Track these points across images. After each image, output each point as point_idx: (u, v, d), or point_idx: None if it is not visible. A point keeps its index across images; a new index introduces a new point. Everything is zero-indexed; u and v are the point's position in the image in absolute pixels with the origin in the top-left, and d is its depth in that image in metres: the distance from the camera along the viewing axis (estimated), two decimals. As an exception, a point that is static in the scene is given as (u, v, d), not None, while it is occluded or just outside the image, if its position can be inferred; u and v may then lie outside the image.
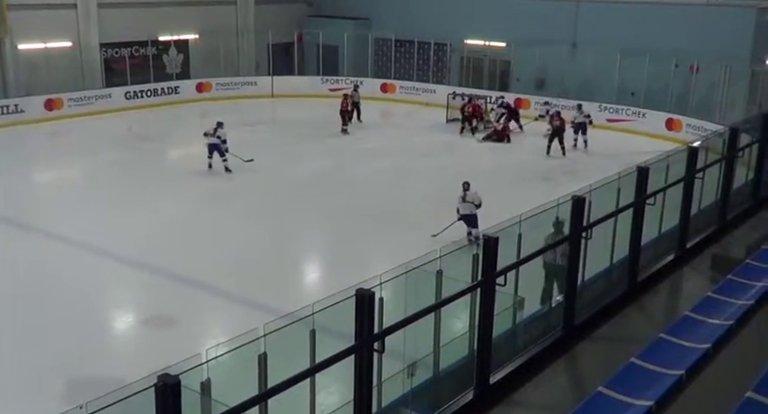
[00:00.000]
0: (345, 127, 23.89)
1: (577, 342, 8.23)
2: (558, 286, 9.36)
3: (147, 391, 4.67)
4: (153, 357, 9.52)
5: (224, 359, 5.42)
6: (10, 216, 15.82)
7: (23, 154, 21.81)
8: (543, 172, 19.98)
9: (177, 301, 12.10)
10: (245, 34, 30.51)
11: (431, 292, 7.35)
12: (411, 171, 20.52)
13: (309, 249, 15.31)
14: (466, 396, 7.19)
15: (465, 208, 14.16)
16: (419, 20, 29.14)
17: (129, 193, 17.77)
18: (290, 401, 5.76)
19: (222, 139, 19.07)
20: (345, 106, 23.94)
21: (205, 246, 14.39)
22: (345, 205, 16.96)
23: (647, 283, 9.76)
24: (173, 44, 28.77)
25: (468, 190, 14.27)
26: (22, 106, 23.92)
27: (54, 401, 8.72)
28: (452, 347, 8.02)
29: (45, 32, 24.87)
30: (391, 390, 7.03)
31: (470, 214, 14.11)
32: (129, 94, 26.65)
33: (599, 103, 25.40)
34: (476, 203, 14.12)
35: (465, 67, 29.48)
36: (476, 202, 14.12)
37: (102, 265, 13.53)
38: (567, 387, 7.77)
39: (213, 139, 19.07)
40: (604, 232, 9.23)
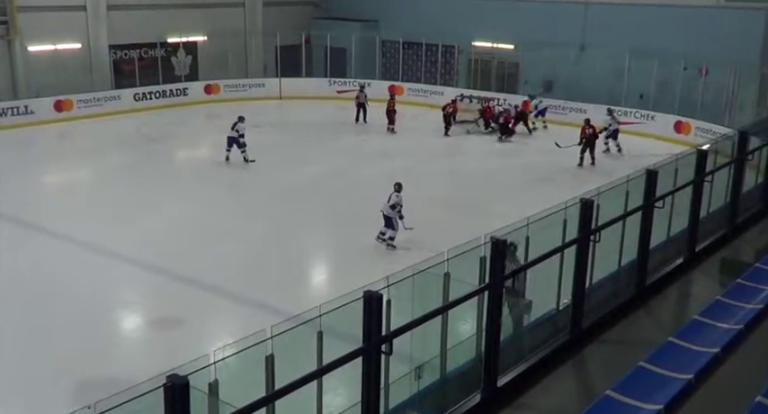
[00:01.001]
0: (392, 126, 24.26)
1: (585, 345, 8.20)
2: (511, 313, 8.74)
3: (155, 391, 4.68)
4: (160, 358, 9.57)
5: (231, 360, 5.42)
6: (20, 216, 15.88)
7: (33, 155, 21.91)
8: (550, 174, 19.92)
9: (184, 302, 12.13)
10: (253, 36, 30.58)
11: (438, 294, 7.34)
12: (419, 173, 20.47)
13: (316, 251, 15.32)
14: (473, 399, 7.17)
15: (386, 208, 14.32)
16: (427, 22, 29.14)
17: (137, 194, 17.82)
18: (296, 403, 5.76)
19: (240, 134, 19.84)
20: (392, 106, 24.43)
21: (212, 247, 14.41)
22: (352, 207, 16.96)
23: (655, 286, 9.72)
24: (181, 46, 28.88)
25: (395, 192, 14.38)
26: (32, 107, 24.04)
27: (62, 402, 8.73)
28: (459, 350, 8.01)
29: (55, 34, 25.00)
30: (398, 392, 7.02)
31: (387, 216, 14.28)
32: (138, 95, 26.74)
33: (607, 105, 25.31)
34: (390, 204, 14.25)
35: (473, 70, 29.46)
36: (390, 203, 14.25)
37: (110, 266, 13.58)
38: (575, 391, 7.74)
39: (232, 133, 19.92)
40: (612, 235, 9.19)
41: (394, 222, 14.25)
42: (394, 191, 14.44)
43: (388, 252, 14.20)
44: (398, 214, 14.27)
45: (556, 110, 26.48)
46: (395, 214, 14.25)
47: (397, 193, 14.36)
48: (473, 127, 25.03)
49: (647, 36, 24.29)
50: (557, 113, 26.37)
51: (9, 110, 23.55)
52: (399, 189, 14.39)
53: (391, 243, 14.30)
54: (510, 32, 27.41)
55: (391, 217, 14.25)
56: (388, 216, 14.26)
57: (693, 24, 24.01)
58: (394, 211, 14.26)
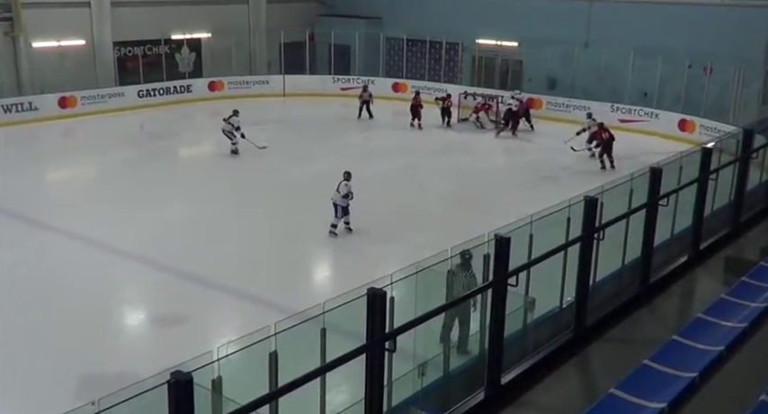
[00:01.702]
0: (419, 122, 24.48)
1: (589, 343, 8.19)
2: (459, 321, 8.65)
3: (159, 387, 4.68)
4: (163, 355, 9.56)
5: (234, 357, 5.43)
6: (23, 213, 15.90)
7: (37, 151, 21.95)
8: (554, 172, 19.90)
9: (187, 299, 12.13)
10: (257, 33, 30.55)
11: (441, 291, 7.34)
12: (423, 170, 20.50)
13: (319, 248, 15.29)
14: (476, 397, 7.17)
15: (334, 196, 14.74)
16: (431, 19, 29.09)
17: (140, 191, 17.83)
18: (299, 399, 5.75)
19: (235, 126, 20.23)
20: (418, 102, 24.67)
21: (215, 244, 14.41)
22: (356, 204, 16.93)
23: (659, 284, 9.71)
24: (185, 43, 28.87)
25: (345, 181, 14.80)
26: (36, 104, 24.05)
27: (66, 398, 8.75)
28: (462, 348, 8.01)
29: (59, 31, 24.99)
30: (401, 389, 7.02)
31: (335, 203, 14.72)
32: (142, 92, 26.73)
33: (611, 103, 25.29)
34: (341, 193, 14.66)
35: (476, 67, 29.42)
36: (341, 193, 14.66)
37: (113, 263, 13.59)
38: (579, 388, 7.73)
39: (226, 126, 20.39)
40: (616, 233, 9.18)
41: (338, 210, 14.77)
42: (343, 179, 14.82)
43: (391, 249, 14.18)
44: (348, 201, 14.75)
45: (559, 107, 26.45)
46: (346, 202, 14.73)
47: (347, 182, 14.77)
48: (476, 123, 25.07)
49: (652, 34, 24.22)
50: (560, 111, 26.34)
51: (13, 106, 23.57)
52: (349, 178, 14.84)
53: (349, 228, 14.96)
54: (514, 30, 27.36)
55: (343, 206, 14.75)
56: (337, 204, 14.74)
57: (698, 22, 23.92)
58: (346, 199, 14.70)
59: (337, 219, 14.78)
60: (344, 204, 14.78)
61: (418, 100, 24.85)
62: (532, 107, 25.75)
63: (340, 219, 14.83)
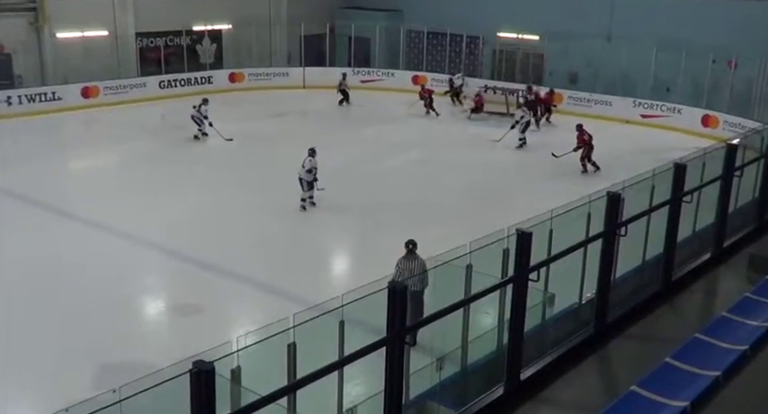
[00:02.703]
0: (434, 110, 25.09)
1: (609, 340, 8.12)
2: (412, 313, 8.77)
3: (180, 377, 4.69)
4: (182, 344, 9.64)
5: (252, 347, 5.43)
6: (45, 201, 16.06)
7: (60, 141, 22.18)
8: (575, 167, 19.73)
9: (205, 289, 12.19)
10: (277, 25, 30.56)
11: (460, 286, 7.30)
12: (440, 163, 20.41)
13: (335, 240, 15.33)
14: (496, 391, 7.13)
15: (300, 172, 15.65)
16: (452, 12, 28.92)
17: (160, 181, 17.94)
18: (316, 390, 5.75)
19: (204, 115, 21.17)
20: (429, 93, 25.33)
21: (233, 234, 14.47)
22: (373, 197, 16.94)
23: (682, 281, 9.60)
24: (206, 34, 28.96)
25: (309, 157, 15.71)
26: (60, 94, 24.26)
27: (86, 385, 8.84)
28: (480, 342, 7.97)
29: (82, 21, 25.15)
30: (419, 383, 7.00)
31: (300, 178, 15.64)
32: (164, 83, 26.86)
33: (633, 98, 25.03)
34: (306, 168, 15.59)
35: (497, 61, 29.23)
36: (306, 168, 15.60)
37: (133, 251, 13.69)
38: (599, 385, 7.67)
39: (195, 113, 21.24)
40: (636, 229, 9.07)
41: (304, 184, 15.70)
42: (308, 155, 15.72)
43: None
44: (314, 177, 15.66)
45: (580, 102, 26.23)
46: (311, 177, 15.64)
47: (311, 158, 15.68)
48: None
49: (675, 28, 23.89)
50: (581, 105, 26.12)
51: (37, 96, 23.80)
52: (313, 154, 15.75)
53: (312, 202, 15.85)
54: (535, 23, 27.13)
55: (308, 180, 15.65)
56: (305, 179, 15.64)
57: (722, 16, 23.59)
58: (310, 174, 15.61)
59: (305, 193, 15.73)
60: (309, 179, 15.69)
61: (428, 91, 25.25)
62: (551, 102, 25.47)
63: (307, 192, 15.74)
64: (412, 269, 9.58)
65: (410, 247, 9.88)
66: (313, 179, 15.72)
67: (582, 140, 19.47)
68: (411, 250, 9.87)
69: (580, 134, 19.59)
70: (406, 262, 9.81)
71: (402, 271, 9.77)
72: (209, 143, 23.19)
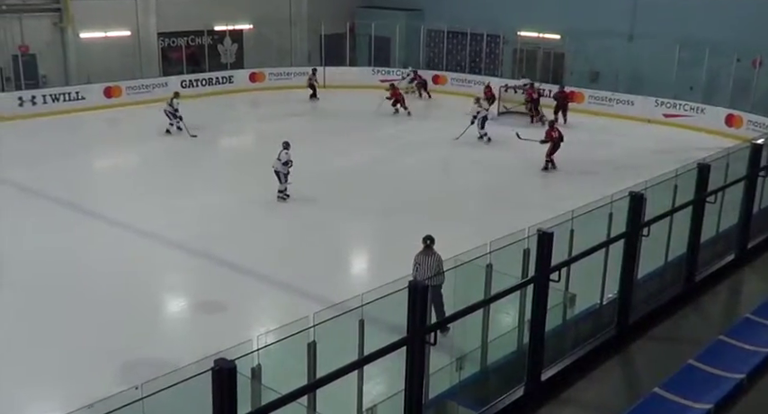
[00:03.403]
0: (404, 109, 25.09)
1: (632, 341, 8.04)
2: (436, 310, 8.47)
3: (202, 374, 4.71)
4: (203, 342, 9.69)
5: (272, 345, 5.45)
6: (68, 200, 16.24)
7: (82, 139, 22.42)
8: (594, 167, 19.60)
9: (226, 287, 12.26)
10: (297, 25, 30.67)
11: (479, 285, 7.27)
12: (459, 163, 20.37)
13: (354, 239, 15.35)
14: (516, 392, 7.09)
15: (275, 164, 16.07)
16: (472, 11, 28.83)
17: (181, 180, 18.09)
18: (335, 388, 5.75)
19: (174, 108, 21.54)
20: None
21: (253, 233, 14.55)
22: (391, 196, 16.95)
23: (705, 283, 9.48)
24: (228, 34, 29.12)
25: (285, 150, 16.09)
26: (83, 93, 24.55)
27: (108, 382, 8.92)
28: (500, 342, 7.94)
29: (105, 22, 25.45)
30: (438, 382, 6.99)
31: (277, 170, 16.04)
32: (185, 82, 27.03)
33: (656, 97, 24.79)
34: (282, 161, 16.01)
35: (518, 60, 29.10)
36: (282, 160, 16.01)
37: (154, 250, 13.81)
38: (621, 387, 7.61)
39: (167, 107, 21.60)
40: (656, 229, 8.97)
41: (281, 177, 16.10)
42: (283, 149, 16.06)
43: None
44: (288, 169, 16.05)
45: (602, 101, 26.04)
46: (286, 169, 16.04)
47: (287, 151, 16.04)
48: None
49: (699, 26, 23.60)
50: (602, 105, 25.93)
51: (61, 95, 24.10)
52: (288, 147, 16.12)
53: (286, 194, 16.23)
54: (556, 22, 26.96)
55: (284, 172, 16.06)
56: (279, 171, 16.06)
57: (747, 14, 23.27)
58: (286, 167, 16.01)
59: (282, 185, 16.13)
60: (285, 172, 16.06)
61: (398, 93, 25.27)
62: (573, 100, 25.29)
63: (284, 184, 16.14)
64: (429, 264, 9.60)
65: (428, 243, 9.96)
66: (287, 172, 16.10)
67: (550, 136, 19.39)
68: (428, 246, 9.93)
69: (550, 130, 19.57)
70: (423, 257, 9.89)
71: (418, 265, 9.80)
72: (229, 143, 23.37)
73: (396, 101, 24.97)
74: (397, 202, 16.49)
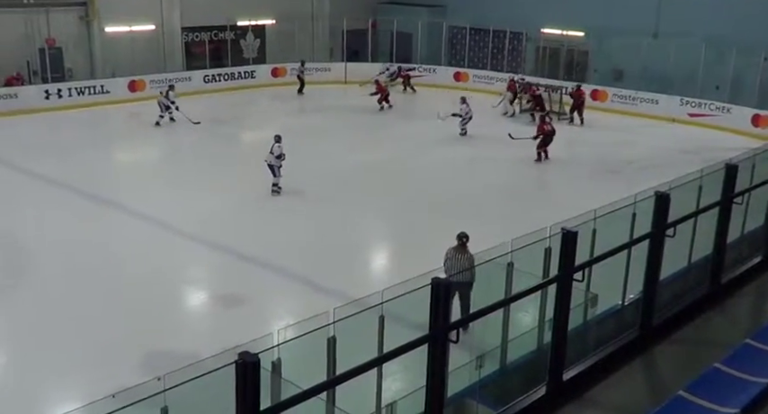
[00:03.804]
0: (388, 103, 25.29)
1: (656, 343, 7.94)
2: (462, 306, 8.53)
3: (225, 367, 4.72)
4: (222, 334, 9.75)
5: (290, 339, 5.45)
6: (91, 192, 16.38)
7: (107, 133, 22.63)
8: (619, 166, 19.41)
9: (245, 281, 12.31)
10: (320, 20, 30.68)
11: (499, 283, 7.23)
12: (480, 161, 20.27)
13: (374, 236, 15.34)
14: (538, 392, 7.03)
15: (269, 158, 16.10)
16: (495, 8, 28.65)
17: (203, 173, 18.17)
18: (354, 383, 5.74)
19: (171, 100, 21.89)
20: (384, 89, 25.44)
21: (273, 228, 14.59)
22: (411, 193, 16.90)
23: (731, 285, 9.34)
24: (250, 29, 29.19)
25: (276, 143, 16.13)
26: (108, 87, 24.74)
27: (130, 372, 8.98)
28: (520, 341, 7.89)
29: (130, 16, 25.63)
30: (457, 380, 6.94)
31: (270, 164, 16.07)
32: (208, 77, 27.19)
33: (681, 96, 24.49)
34: (275, 155, 16.00)
35: (540, 57, 28.89)
36: (275, 154, 16.01)
37: (176, 243, 13.90)
38: (644, 388, 7.52)
39: (163, 99, 21.97)
40: (680, 230, 8.85)
41: (275, 170, 16.10)
42: (275, 142, 16.10)
43: (446, 239, 14.04)
44: (281, 162, 16.04)
45: (626, 100, 25.79)
46: (279, 163, 16.04)
47: (279, 144, 16.09)
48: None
49: (725, 24, 23.26)
50: (626, 103, 25.68)
51: (86, 89, 24.32)
52: (279, 140, 16.16)
53: (279, 187, 16.20)
54: (580, 19, 26.72)
55: (277, 166, 16.05)
56: (273, 165, 16.06)
57: (776, 13, 22.93)
58: (279, 160, 16.00)
59: (276, 178, 16.10)
60: (278, 165, 16.06)
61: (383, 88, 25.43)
62: (597, 99, 25.07)
63: (278, 177, 16.10)
64: (462, 262, 9.52)
65: (463, 241, 9.86)
66: (280, 165, 16.10)
67: (542, 129, 19.61)
68: (463, 243, 9.84)
69: (542, 123, 19.82)
70: (456, 253, 9.79)
71: (449, 261, 9.73)
72: (251, 138, 23.44)
73: (378, 94, 25.03)
74: (418, 199, 16.44)
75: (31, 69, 24.12)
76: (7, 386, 9.34)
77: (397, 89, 27.70)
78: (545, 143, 19.53)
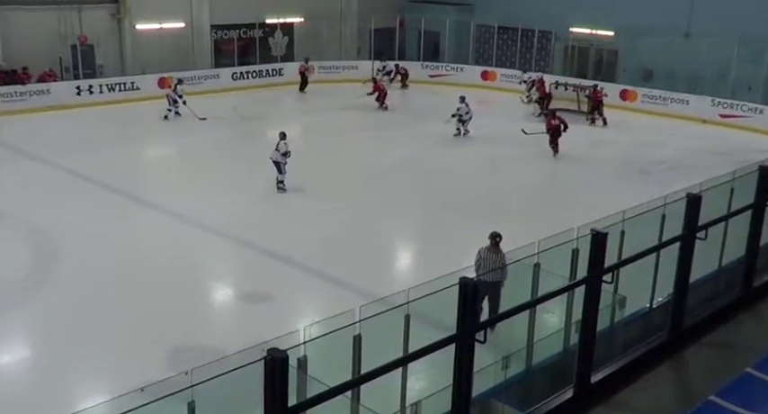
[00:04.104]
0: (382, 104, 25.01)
1: (686, 347, 7.82)
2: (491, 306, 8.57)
3: (252, 363, 4.74)
4: (248, 330, 9.81)
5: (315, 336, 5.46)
6: (121, 188, 16.57)
7: (137, 129, 22.87)
8: (649, 167, 19.18)
9: (271, 277, 12.37)
10: (348, 18, 30.72)
11: (525, 284, 7.18)
12: (507, 161, 20.15)
13: (400, 234, 15.31)
14: (565, 394, 6.97)
15: (274, 155, 16.05)
16: (523, 6, 28.48)
17: (230, 170, 18.28)
18: (378, 381, 5.74)
19: (179, 94, 22.40)
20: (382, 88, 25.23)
21: (300, 225, 14.63)
22: (438, 192, 16.85)
23: (763, 289, 9.17)
24: (279, 27, 29.32)
25: (282, 140, 16.05)
26: (138, 84, 25.01)
27: (157, 367, 9.07)
28: (546, 342, 7.83)
29: (161, 13, 25.87)
30: (482, 381, 6.90)
31: (276, 161, 16.03)
32: (236, 74, 27.35)
33: (712, 96, 24.12)
34: (281, 152, 15.94)
35: (569, 56, 28.63)
36: (281, 151, 15.95)
37: (203, 239, 14.00)
38: (674, 392, 7.42)
39: (172, 93, 22.52)
40: (711, 233, 8.70)
41: (281, 167, 16.10)
42: (281, 139, 16.07)
43: (472, 238, 13.99)
44: (286, 159, 16.03)
45: (656, 100, 25.46)
46: (285, 160, 16.02)
47: (285, 141, 16.04)
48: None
49: (759, 23, 22.84)
50: (656, 104, 25.36)
51: (117, 86, 24.61)
52: (284, 137, 16.11)
53: (284, 187, 16.19)
54: (610, 18, 26.44)
55: (283, 163, 16.04)
56: (279, 162, 16.05)
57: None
58: (285, 157, 16.00)
59: (282, 175, 16.12)
60: (284, 162, 16.03)
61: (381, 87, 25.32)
62: (626, 99, 24.77)
63: (284, 174, 16.11)
64: (495, 261, 9.48)
65: (496, 240, 9.80)
66: (285, 162, 16.09)
67: (551, 124, 19.93)
68: (496, 243, 9.78)
69: (550, 118, 20.29)
70: (490, 254, 9.73)
71: (482, 261, 9.69)
72: (275, 135, 23.52)
73: (378, 94, 24.96)
74: (442, 199, 16.40)
75: (63, 66, 24.45)
76: (37, 379, 9.47)
77: (395, 86, 27.73)
78: (554, 138, 19.86)
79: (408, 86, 28.42)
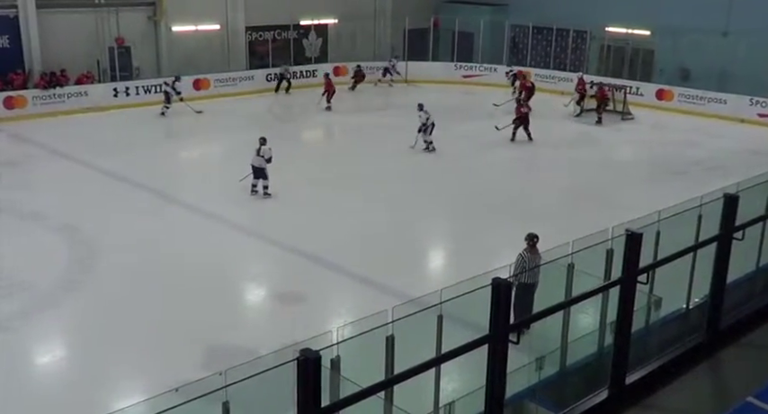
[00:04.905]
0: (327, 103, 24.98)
1: (722, 348, 7.71)
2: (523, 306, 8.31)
3: (285, 363, 4.79)
4: (282, 331, 9.90)
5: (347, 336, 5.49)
6: (155, 188, 16.81)
7: (172, 130, 23.19)
8: (684, 167, 18.89)
9: (305, 278, 12.42)
10: (382, 19, 30.77)
11: (559, 284, 7.14)
12: (542, 161, 20.01)
13: (433, 235, 15.31)
14: (599, 395, 6.91)
15: (256, 161, 15.77)
16: (558, 6, 28.22)
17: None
18: (411, 382, 5.75)
19: (177, 91, 22.99)
20: (331, 87, 25.16)
21: (333, 226, 14.68)
22: (471, 193, 16.81)
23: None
24: (313, 28, 29.48)
25: (263, 145, 15.82)
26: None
27: (192, 366, 9.17)
28: (580, 343, 7.78)
29: (196, 15, 26.23)
30: (515, 382, 6.89)
31: (259, 167, 15.78)
32: (271, 76, 27.55)
33: (750, 96, 23.64)
34: (266, 158, 15.73)
35: (604, 56, 28.31)
36: (266, 157, 15.73)
37: (237, 239, 14.13)
38: (710, 394, 7.32)
39: (168, 89, 23.07)
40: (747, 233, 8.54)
41: (265, 173, 15.89)
42: (262, 144, 15.90)
43: (507, 239, 13.94)
44: (268, 163, 15.83)
45: (693, 100, 25.05)
46: (267, 164, 15.81)
47: (268, 147, 15.90)
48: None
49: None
50: (694, 103, 24.95)
51: (153, 87, 24.95)
52: (265, 142, 15.95)
53: (268, 192, 16.04)
54: (646, 18, 26.10)
55: (264, 168, 15.81)
56: (263, 168, 15.83)
57: None
58: (269, 163, 15.81)
59: (266, 181, 15.95)
60: (265, 167, 15.84)
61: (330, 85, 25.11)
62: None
63: (267, 180, 15.95)
64: (537, 262, 9.44)
65: (534, 241, 9.82)
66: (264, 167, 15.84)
67: (519, 112, 20.79)
68: (533, 244, 9.80)
69: (519, 106, 21.29)
70: (531, 255, 9.71)
71: (525, 263, 9.65)
72: (311, 136, 23.72)
73: (326, 92, 24.80)
74: (475, 200, 16.35)
75: (100, 68, 24.88)
76: (72, 379, 9.62)
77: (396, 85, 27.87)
78: (522, 123, 20.71)
79: (355, 89, 27.92)
